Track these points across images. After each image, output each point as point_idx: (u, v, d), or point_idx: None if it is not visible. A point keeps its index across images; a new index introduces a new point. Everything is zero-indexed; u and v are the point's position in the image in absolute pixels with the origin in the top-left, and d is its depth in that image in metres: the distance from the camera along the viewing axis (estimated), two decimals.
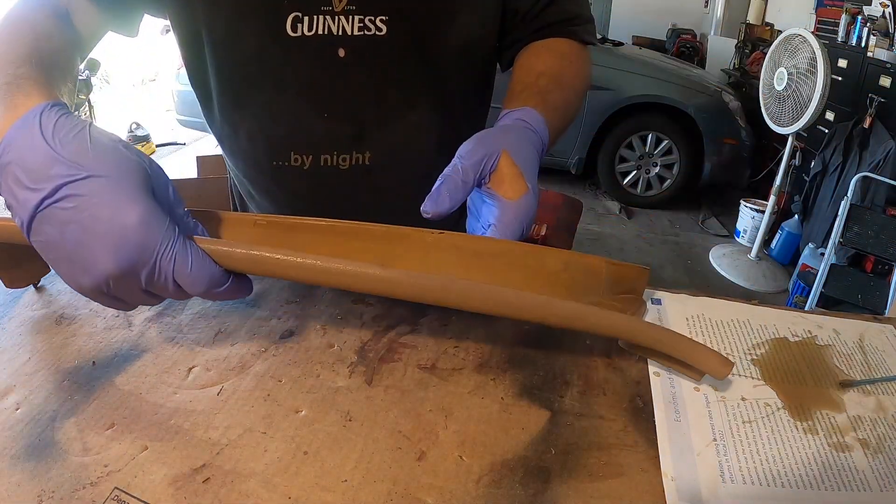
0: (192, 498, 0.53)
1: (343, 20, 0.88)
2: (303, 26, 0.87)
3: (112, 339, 0.73)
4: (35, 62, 0.69)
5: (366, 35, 0.89)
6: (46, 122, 0.56)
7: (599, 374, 0.67)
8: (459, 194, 0.69)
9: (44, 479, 0.55)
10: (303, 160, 0.99)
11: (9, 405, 0.64)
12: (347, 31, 0.88)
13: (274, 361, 0.69)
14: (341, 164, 0.99)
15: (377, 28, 0.89)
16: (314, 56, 0.90)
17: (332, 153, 0.98)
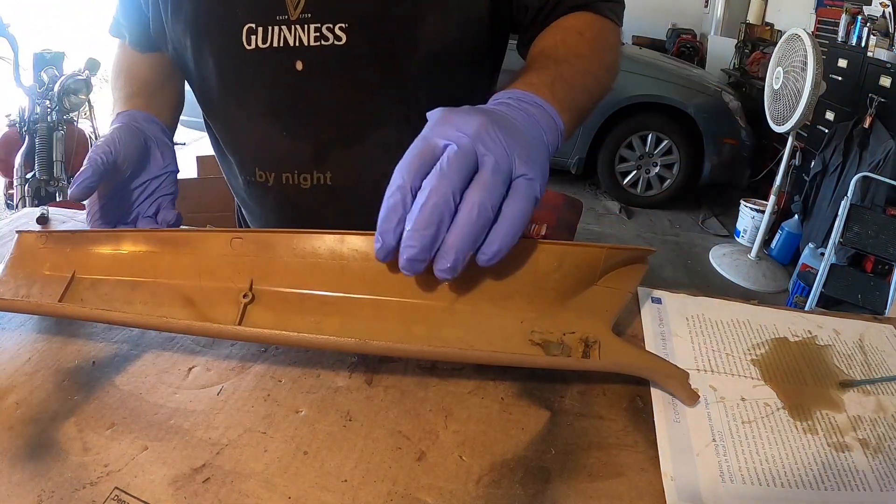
0: (191, 498, 0.53)
1: (299, 30, 0.83)
2: (257, 38, 0.84)
3: (112, 339, 0.73)
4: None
5: (323, 45, 0.84)
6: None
7: (599, 373, 0.66)
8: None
9: (44, 478, 0.55)
10: (266, 176, 0.97)
11: (9, 405, 0.64)
12: (304, 42, 0.84)
13: (274, 361, 0.69)
14: (302, 183, 0.95)
15: (336, 37, 0.83)
16: (271, 70, 0.87)
17: (292, 172, 0.95)
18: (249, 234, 0.71)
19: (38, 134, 3.42)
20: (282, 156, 0.94)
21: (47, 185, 3.44)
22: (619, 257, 0.68)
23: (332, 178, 0.94)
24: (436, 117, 0.63)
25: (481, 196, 0.56)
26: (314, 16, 0.83)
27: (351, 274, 0.69)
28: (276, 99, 0.90)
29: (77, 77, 3.50)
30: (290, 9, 0.83)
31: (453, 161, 0.56)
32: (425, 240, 0.55)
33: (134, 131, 0.85)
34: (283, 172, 0.95)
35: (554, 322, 0.66)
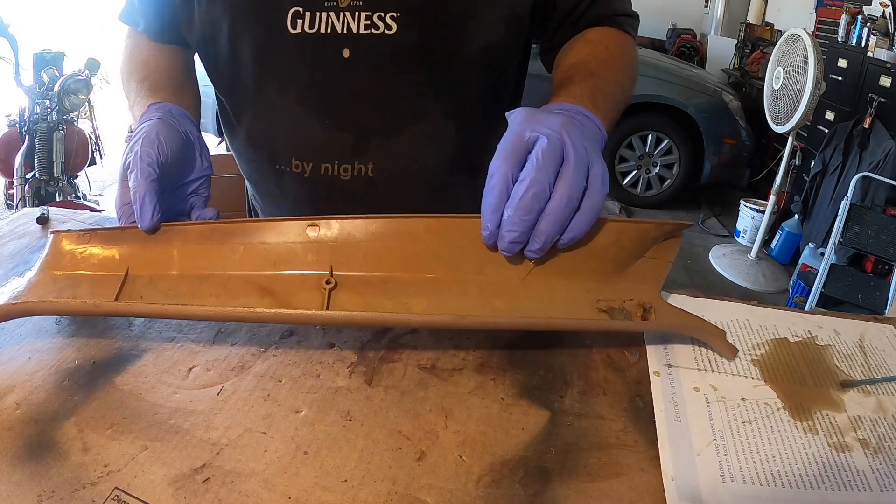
0: (191, 498, 0.53)
1: (348, 17, 0.82)
2: (304, 23, 0.83)
3: (112, 339, 0.73)
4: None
5: (373, 34, 0.82)
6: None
7: (599, 373, 0.67)
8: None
9: (44, 478, 0.55)
10: (303, 167, 0.94)
11: (9, 405, 0.64)
12: (353, 29, 0.82)
13: (274, 361, 0.69)
14: (342, 174, 0.93)
15: (386, 26, 0.82)
16: (316, 57, 0.85)
17: (332, 162, 0.92)
18: (324, 221, 0.72)
19: (38, 134, 3.42)
20: (321, 145, 0.92)
21: (47, 185, 3.44)
22: (663, 231, 0.71)
23: (374, 170, 0.93)
24: (521, 116, 0.67)
25: (570, 189, 0.63)
26: (365, 4, 0.81)
27: (430, 255, 0.70)
28: (319, 86, 0.88)
29: (77, 77, 3.50)
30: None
31: (546, 153, 0.63)
32: (526, 225, 0.63)
33: (173, 129, 0.80)
34: (322, 163, 0.93)
35: (614, 291, 0.70)
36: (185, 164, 0.82)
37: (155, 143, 0.75)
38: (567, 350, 0.70)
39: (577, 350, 0.70)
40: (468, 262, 0.70)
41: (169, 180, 0.79)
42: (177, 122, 0.82)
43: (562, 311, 0.68)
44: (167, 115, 0.82)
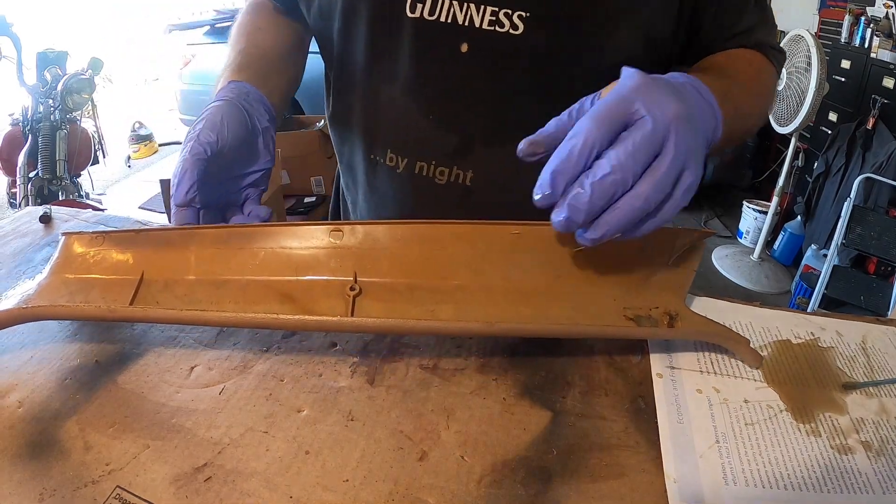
0: (193, 497, 0.53)
1: (473, 9, 0.76)
2: (424, 8, 0.78)
3: (115, 338, 0.73)
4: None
5: (497, 31, 0.76)
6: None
7: (601, 374, 0.67)
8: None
9: (45, 477, 0.55)
10: (398, 161, 0.89)
11: (11, 403, 0.64)
12: (475, 23, 0.76)
13: (276, 361, 0.69)
14: (438, 177, 0.87)
15: (512, 25, 0.75)
16: (431, 46, 0.80)
17: (429, 162, 0.87)
18: (348, 227, 0.71)
19: (41, 133, 3.43)
20: (421, 142, 0.87)
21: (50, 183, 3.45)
22: (687, 238, 0.70)
23: (472, 179, 0.86)
24: (636, 80, 0.57)
25: (653, 191, 0.54)
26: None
27: (456, 261, 0.70)
28: (429, 78, 0.82)
29: (80, 76, 3.51)
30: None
31: (645, 140, 0.53)
32: (594, 209, 0.54)
33: (241, 115, 0.78)
34: (418, 161, 0.87)
35: (640, 298, 0.69)
36: (247, 153, 0.80)
37: (216, 127, 0.74)
38: (569, 351, 0.70)
39: (579, 351, 0.70)
40: (494, 268, 0.69)
41: (225, 167, 0.78)
42: (249, 107, 0.80)
43: (589, 318, 0.67)
44: (240, 98, 0.80)
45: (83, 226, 1.02)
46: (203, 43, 5.26)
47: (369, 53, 0.84)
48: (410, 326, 0.62)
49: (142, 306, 0.68)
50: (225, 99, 0.78)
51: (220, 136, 0.74)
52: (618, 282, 0.70)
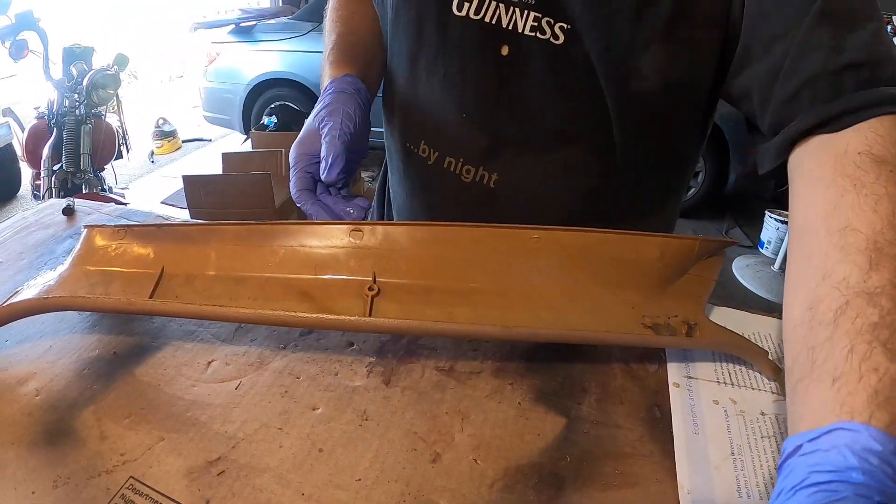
0: (205, 490, 0.53)
1: (517, 13, 0.75)
2: (470, 7, 0.77)
3: (133, 331, 0.74)
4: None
5: (538, 38, 0.75)
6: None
7: (617, 382, 0.66)
8: None
9: (60, 464, 0.56)
10: (430, 153, 0.90)
11: (29, 391, 0.65)
12: (518, 27, 0.76)
13: (292, 358, 0.69)
14: (464, 175, 0.87)
15: (553, 34, 0.74)
16: (473, 45, 0.79)
17: (458, 159, 0.87)
18: (368, 227, 0.71)
19: (66, 127, 3.46)
20: (452, 138, 0.87)
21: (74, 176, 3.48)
22: (707, 248, 0.70)
23: (496, 182, 0.86)
24: None
25: None
26: (538, 4, 0.74)
27: (474, 264, 0.70)
28: (467, 76, 0.82)
29: (106, 72, 3.54)
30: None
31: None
32: None
33: (361, 107, 0.82)
34: (447, 156, 0.88)
35: (659, 307, 0.69)
36: (359, 143, 0.83)
37: (351, 117, 0.79)
38: (585, 357, 0.69)
39: (595, 357, 0.69)
40: (513, 272, 0.69)
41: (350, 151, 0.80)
42: (361, 97, 0.84)
43: (607, 325, 0.67)
44: (356, 93, 0.84)
45: (105, 219, 1.03)
46: (228, 41, 5.30)
47: (414, 45, 0.85)
48: (427, 328, 0.63)
49: (161, 300, 0.69)
50: (346, 91, 0.83)
51: (354, 125, 0.78)
52: (637, 289, 0.70)
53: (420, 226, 0.71)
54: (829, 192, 0.53)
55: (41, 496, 0.53)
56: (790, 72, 0.61)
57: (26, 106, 5.18)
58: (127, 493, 0.53)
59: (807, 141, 0.60)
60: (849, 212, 0.51)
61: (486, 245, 0.70)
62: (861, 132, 0.55)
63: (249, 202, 2.96)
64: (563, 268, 0.68)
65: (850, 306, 0.46)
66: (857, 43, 0.57)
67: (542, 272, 0.69)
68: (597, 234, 0.69)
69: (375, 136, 0.88)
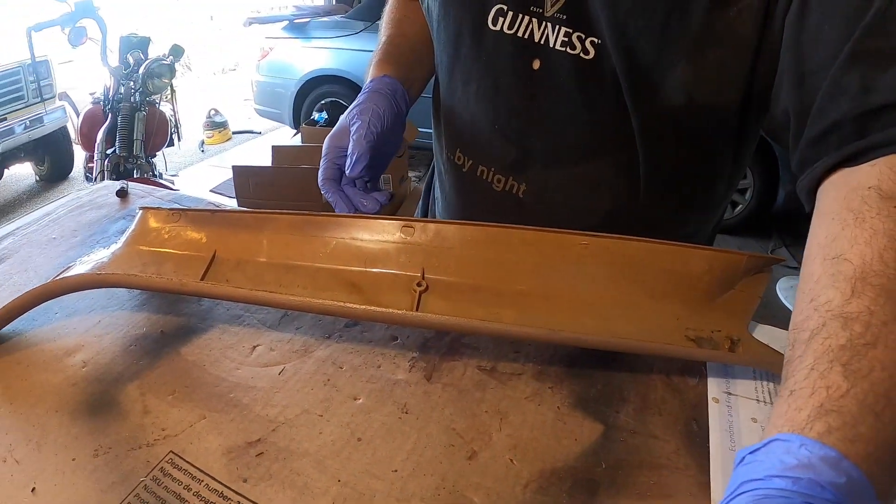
0: (243, 470, 0.54)
1: (549, 27, 0.76)
2: (504, 21, 0.79)
3: (182, 311, 0.75)
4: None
5: (568, 53, 0.75)
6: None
7: (657, 393, 0.66)
8: None
9: (102, 434, 0.57)
10: (463, 161, 0.93)
11: (76, 362, 0.66)
12: (550, 42, 0.76)
13: (336, 348, 0.70)
14: (495, 183, 0.89)
15: (584, 49, 0.74)
16: (506, 58, 0.81)
17: (489, 167, 0.89)
18: (419, 224, 0.72)
19: (120, 113, 3.53)
20: (484, 148, 0.89)
21: (126, 161, 3.55)
22: (754, 264, 0.69)
23: (525, 192, 0.88)
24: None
25: None
26: (569, 19, 0.75)
27: (522, 267, 0.70)
28: (499, 89, 0.84)
29: (161, 62, 3.60)
30: (547, 3, 0.76)
31: None
32: None
33: (393, 108, 0.86)
34: (480, 164, 0.91)
35: (703, 320, 0.68)
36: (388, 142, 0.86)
37: (380, 118, 0.82)
38: (626, 366, 0.69)
39: (636, 367, 0.69)
40: (560, 277, 0.70)
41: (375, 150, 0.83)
42: (397, 100, 0.87)
43: (650, 335, 0.67)
44: (392, 94, 0.87)
45: (158, 202, 1.04)
46: (281, 37, 5.35)
47: (452, 57, 0.87)
48: (473, 326, 0.63)
49: (212, 283, 0.70)
50: (380, 92, 0.86)
51: (382, 125, 0.81)
52: (682, 301, 0.69)
53: (471, 225, 0.71)
54: (832, 225, 0.54)
55: (81, 463, 0.55)
56: (819, 113, 0.60)
57: (82, 91, 5.29)
58: (166, 466, 0.54)
59: (829, 178, 0.59)
60: (844, 243, 0.51)
61: (534, 248, 0.70)
62: (876, 167, 0.54)
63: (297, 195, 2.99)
64: (609, 275, 0.68)
65: (824, 328, 0.47)
66: (888, 83, 0.55)
67: (589, 278, 0.69)
68: (645, 244, 0.69)
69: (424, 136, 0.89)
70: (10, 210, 5.01)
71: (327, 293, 0.70)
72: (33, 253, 0.89)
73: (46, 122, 5.03)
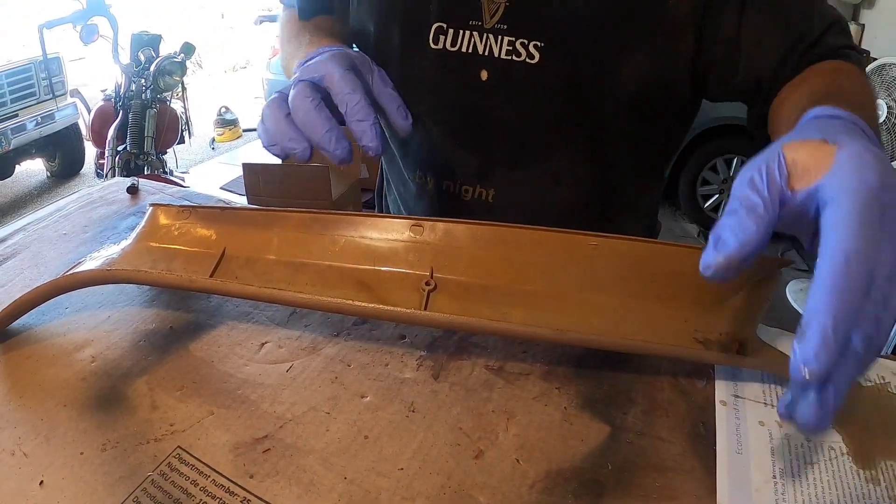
0: (250, 466, 0.54)
1: (491, 39, 0.78)
2: (446, 39, 0.80)
3: (191, 308, 0.75)
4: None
5: (514, 60, 0.78)
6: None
7: (664, 394, 0.66)
8: (749, 228, 0.44)
9: (110, 429, 0.58)
10: (426, 180, 0.93)
11: (85, 357, 0.67)
12: (494, 52, 0.79)
13: (345, 346, 0.70)
14: (463, 194, 0.90)
15: (528, 54, 0.77)
16: (453, 75, 0.82)
17: (455, 181, 0.90)
18: (429, 223, 0.72)
19: (131, 110, 3.56)
20: (446, 163, 0.90)
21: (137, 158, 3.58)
22: (763, 266, 0.69)
23: (494, 197, 0.89)
24: (875, 170, 0.42)
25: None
26: (510, 28, 0.78)
27: (532, 267, 0.70)
28: (452, 105, 0.85)
29: (173, 59, 3.62)
30: (485, 16, 0.78)
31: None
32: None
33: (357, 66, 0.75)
34: (445, 180, 0.91)
35: (711, 322, 0.69)
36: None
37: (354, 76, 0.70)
38: (634, 368, 0.69)
39: (644, 369, 0.69)
40: (570, 277, 0.70)
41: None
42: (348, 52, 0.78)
43: (658, 336, 0.67)
44: (351, 55, 0.76)
45: (168, 199, 1.05)
46: None
47: (399, 77, 0.83)
48: (482, 326, 0.63)
49: (221, 279, 0.70)
50: (340, 51, 0.74)
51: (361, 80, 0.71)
52: (691, 303, 0.69)
53: (480, 225, 0.71)
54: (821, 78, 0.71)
55: (89, 457, 0.55)
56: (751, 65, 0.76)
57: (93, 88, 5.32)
58: (173, 461, 0.55)
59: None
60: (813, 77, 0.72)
61: (544, 248, 0.70)
62: (818, 65, 0.73)
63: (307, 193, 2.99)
64: (618, 276, 0.68)
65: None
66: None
67: (598, 279, 0.69)
68: (654, 245, 0.69)
69: None
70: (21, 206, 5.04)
71: (336, 291, 0.70)
72: (44, 248, 0.90)
73: (58, 119, 5.06)
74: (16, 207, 4.99)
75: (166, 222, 0.77)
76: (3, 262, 0.86)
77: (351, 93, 0.68)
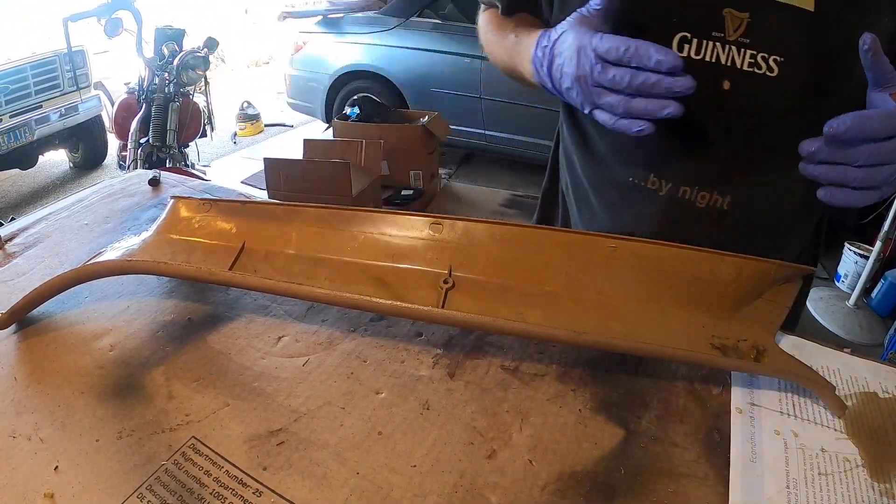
0: (263, 458, 0.55)
1: (734, 51, 0.80)
2: (690, 48, 0.82)
3: (209, 300, 0.76)
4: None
5: (755, 73, 0.80)
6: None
7: (680, 400, 0.66)
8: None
9: (126, 417, 0.58)
10: (660, 185, 0.92)
11: (103, 345, 0.67)
12: (736, 64, 0.81)
13: (361, 342, 0.70)
14: (699, 201, 0.90)
15: (768, 67, 0.79)
16: (698, 82, 0.79)
17: (692, 187, 0.90)
18: (448, 221, 0.73)
19: (154, 103, 3.57)
20: (685, 169, 0.90)
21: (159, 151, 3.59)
22: (783, 273, 0.70)
23: (729, 204, 0.89)
24: None
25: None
26: (752, 42, 0.80)
27: (551, 268, 0.70)
28: (694, 112, 0.82)
29: (196, 54, 3.64)
30: (728, 29, 0.80)
31: None
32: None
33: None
34: (682, 185, 0.91)
35: (729, 328, 0.68)
36: None
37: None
38: (650, 372, 0.69)
39: (660, 373, 0.69)
40: (589, 280, 0.70)
41: None
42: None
43: (675, 341, 0.67)
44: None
45: (190, 192, 1.05)
46: (315, 32, 5.36)
47: None
48: (498, 325, 0.63)
49: (240, 272, 0.71)
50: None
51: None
52: (709, 309, 0.69)
53: (499, 224, 0.71)
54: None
55: (105, 444, 0.56)
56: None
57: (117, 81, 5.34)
58: (188, 451, 0.55)
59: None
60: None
61: (563, 249, 0.70)
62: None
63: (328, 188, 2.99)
64: (636, 279, 0.68)
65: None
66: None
67: (616, 282, 0.69)
68: (673, 249, 0.69)
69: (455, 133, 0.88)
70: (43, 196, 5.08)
71: (354, 287, 0.70)
72: (65, 238, 0.90)
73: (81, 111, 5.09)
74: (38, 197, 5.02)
75: (187, 215, 0.77)
76: (25, 250, 0.87)
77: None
